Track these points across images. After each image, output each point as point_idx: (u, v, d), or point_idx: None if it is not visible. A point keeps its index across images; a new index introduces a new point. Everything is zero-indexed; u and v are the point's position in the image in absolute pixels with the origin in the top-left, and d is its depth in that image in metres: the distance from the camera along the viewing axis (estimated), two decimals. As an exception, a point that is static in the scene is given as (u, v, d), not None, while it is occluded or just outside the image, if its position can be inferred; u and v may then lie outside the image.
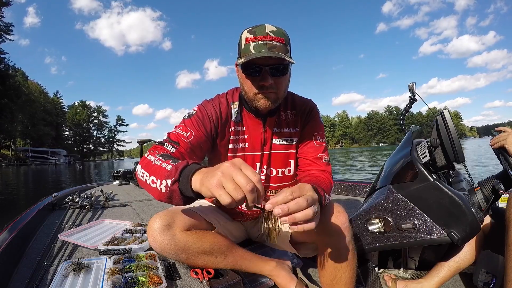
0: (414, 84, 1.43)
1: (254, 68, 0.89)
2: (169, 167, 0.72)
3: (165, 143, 0.91)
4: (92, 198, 2.25)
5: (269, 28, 0.88)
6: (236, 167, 0.56)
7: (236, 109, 1.03)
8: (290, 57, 0.91)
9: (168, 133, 0.95)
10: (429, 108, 1.52)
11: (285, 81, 0.95)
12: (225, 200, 0.54)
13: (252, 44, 0.87)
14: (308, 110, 1.09)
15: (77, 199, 2.17)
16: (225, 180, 0.55)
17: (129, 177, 4.00)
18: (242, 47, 0.90)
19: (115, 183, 3.75)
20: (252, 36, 0.88)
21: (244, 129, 1.05)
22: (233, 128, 1.03)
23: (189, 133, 0.93)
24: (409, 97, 1.44)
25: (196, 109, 1.01)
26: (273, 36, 0.87)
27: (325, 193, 0.85)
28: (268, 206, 0.58)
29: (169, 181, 0.69)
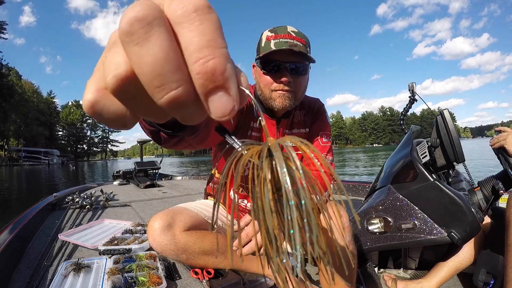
0: (414, 84, 1.43)
1: (273, 64, 0.86)
2: None
3: None
4: (92, 198, 2.25)
5: (290, 28, 0.87)
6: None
7: (254, 106, 1.00)
8: (310, 61, 0.90)
9: None
10: (429, 108, 1.52)
11: (304, 82, 0.92)
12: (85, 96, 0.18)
13: (273, 41, 0.85)
14: (316, 109, 1.06)
15: (77, 199, 2.17)
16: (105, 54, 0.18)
17: (129, 177, 4.00)
18: (262, 45, 0.88)
19: (115, 183, 3.75)
20: (273, 34, 0.86)
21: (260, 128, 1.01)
22: (253, 124, 1.00)
23: None
24: (409, 97, 1.44)
25: None
26: (294, 35, 0.86)
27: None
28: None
29: None
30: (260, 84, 0.92)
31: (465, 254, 1.11)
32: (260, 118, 0.20)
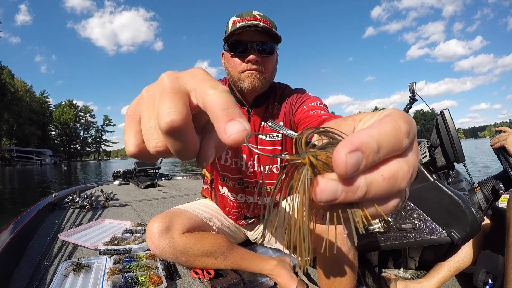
0: (414, 84, 1.43)
1: (240, 45, 0.87)
2: None
3: None
4: (92, 198, 2.25)
5: (256, 12, 0.90)
6: (175, 80, 0.22)
7: None
8: (277, 41, 0.90)
9: None
10: (429, 108, 1.52)
11: (272, 62, 0.92)
12: (127, 147, 0.24)
13: (239, 24, 0.86)
14: (295, 99, 0.97)
15: (77, 199, 2.17)
16: (142, 107, 0.23)
17: (129, 177, 4.00)
18: (229, 29, 0.89)
19: (115, 183, 3.74)
20: (239, 18, 0.89)
21: None
22: None
23: None
24: (409, 97, 1.45)
25: None
26: (260, 18, 0.88)
27: None
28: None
29: None
30: (229, 68, 0.92)
31: (465, 254, 1.11)
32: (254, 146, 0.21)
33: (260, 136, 0.98)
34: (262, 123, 0.98)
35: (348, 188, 0.17)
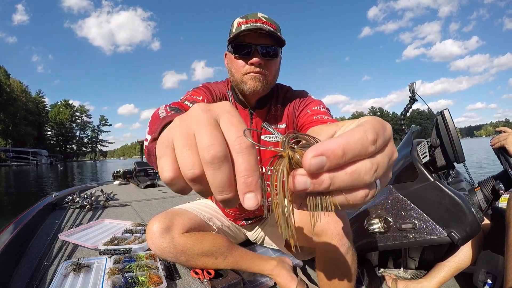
0: (414, 84, 1.43)
1: (244, 47, 0.87)
2: (163, 116, 0.49)
3: (184, 102, 0.82)
4: (92, 198, 2.25)
5: (261, 14, 0.89)
6: (209, 113, 0.25)
7: (230, 96, 1.00)
8: (281, 44, 0.90)
9: (180, 100, 0.86)
10: (428, 107, 1.52)
11: (275, 65, 0.92)
12: (162, 173, 0.25)
13: (243, 26, 0.86)
14: (298, 102, 0.97)
15: (77, 199, 2.17)
16: (176, 134, 0.25)
17: (129, 177, 4.00)
18: (234, 30, 0.89)
19: (115, 183, 3.75)
20: (244, 20, 0.88)
21: None
22: None
23: (201, 97, 0.88)
24: (409, 97, 1.45)
25: (200, 85, 0.97)
26: (265, 20, 0.87)
27: None
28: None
29: (149, 137, 0.46)
30: (232, 69, 0.92)
31: (465, 254, 1.11)
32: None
33: (262, 137, 0.98)
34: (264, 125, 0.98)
35: (314, 181, 0.21)
